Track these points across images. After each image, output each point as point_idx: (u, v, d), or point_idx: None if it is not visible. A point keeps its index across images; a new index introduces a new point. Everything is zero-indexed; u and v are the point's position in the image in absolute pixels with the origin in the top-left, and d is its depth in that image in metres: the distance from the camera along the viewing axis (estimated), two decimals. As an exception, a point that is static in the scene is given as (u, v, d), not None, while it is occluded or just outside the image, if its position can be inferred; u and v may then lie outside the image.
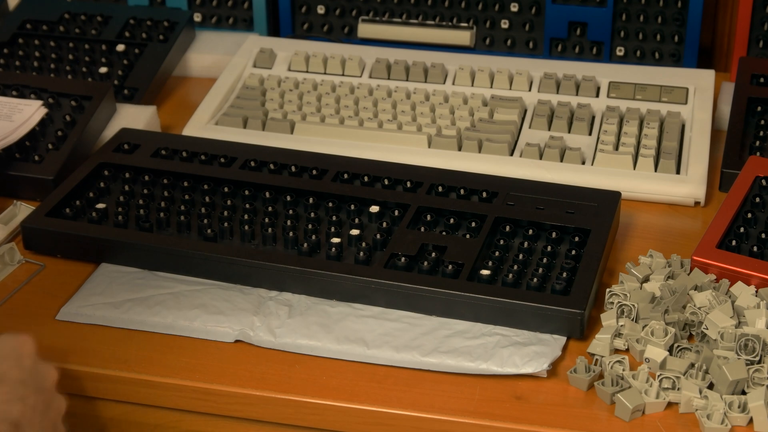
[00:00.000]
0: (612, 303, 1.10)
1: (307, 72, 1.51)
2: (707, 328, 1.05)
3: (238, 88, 1.48)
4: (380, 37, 1.60)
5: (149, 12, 1.62)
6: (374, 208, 1.22)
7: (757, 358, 1.01)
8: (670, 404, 1.00)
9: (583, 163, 1.32)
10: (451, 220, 1.19)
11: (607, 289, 1.11)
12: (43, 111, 1.38)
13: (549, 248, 1.15)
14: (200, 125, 1.41)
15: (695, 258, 1.13)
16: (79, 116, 1.38)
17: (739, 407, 0.98)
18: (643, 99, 1.41)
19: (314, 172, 1.27)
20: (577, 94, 1.43)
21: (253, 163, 1.29)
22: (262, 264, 1.13)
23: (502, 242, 1.15)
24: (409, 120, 1.39)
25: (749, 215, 1.19)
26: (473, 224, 1.18)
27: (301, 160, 1.29)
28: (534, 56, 1.57)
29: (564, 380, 1.03)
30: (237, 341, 1.09)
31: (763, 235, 1.16)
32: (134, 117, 1.43)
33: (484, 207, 1.20)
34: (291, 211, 1.21)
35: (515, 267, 1.12)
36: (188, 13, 1.62)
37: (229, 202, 1.23)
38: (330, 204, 1.22)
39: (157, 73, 1.52)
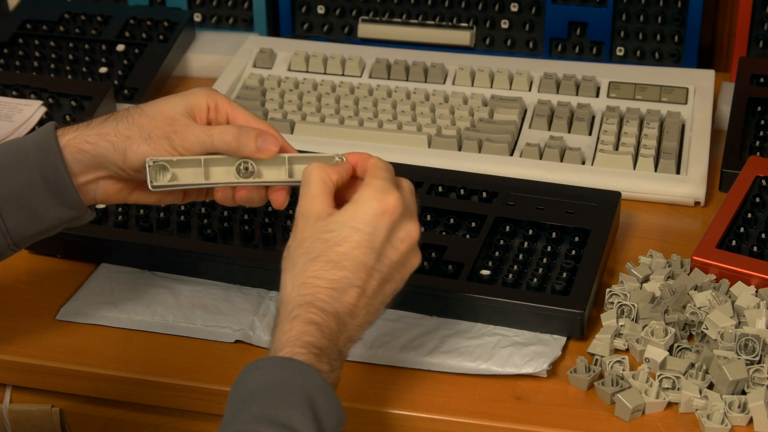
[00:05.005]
0: (612, 303, 1.10)
1: (307, 72, 1.51)
2: (707, 328, 1.05)
3: (238, 88, 1.48)
4: (380, 37, 1.60)
5: (149, 12, 1.62)
6: (374, 208, 1.21)
7: (757, 358, 1.01)
8: (670, 404, 1.00)
9: (583, 163, 1.32)
10: (451, 220, 1.19)
11: (607, 289, 1.11)
12: (43, 111, 1.38)
13: (549, 248, 1.15)
14: (200, 125, 1.41)
15: (695, 258, 1.13)
16: (79, 116, 1.38)
17: (739, 407, 0.98)
18: (643, 99, 1.41)
19: (314, 172, 1.26)
20: (577, 94, 1.43)
21: (253, 163, 1.28)
22: (262, 264, 1.13)
23: (502, 242, 1.15)
24: (409, 120, 1.39)
25: (749, 215, 1.19)
26: (473, 224, 1.18)
27: (301, 160, 1.29)
28: (534, 56, 1.57)
29: (564, 380, 1.03)
30: (237, 341, 1.08)
31: (763, 235, 1.16)
32: (134, 117, 1.43)
33: (484, 207, 1.20)
34: (291, 212, 1.21)
35: (515, 267, 1.12)
36: (188, 13, 1.62)
37: (229, 202, 1.23)
38: (330, 204, 1.22)
39: (157, 73, 1.52)
